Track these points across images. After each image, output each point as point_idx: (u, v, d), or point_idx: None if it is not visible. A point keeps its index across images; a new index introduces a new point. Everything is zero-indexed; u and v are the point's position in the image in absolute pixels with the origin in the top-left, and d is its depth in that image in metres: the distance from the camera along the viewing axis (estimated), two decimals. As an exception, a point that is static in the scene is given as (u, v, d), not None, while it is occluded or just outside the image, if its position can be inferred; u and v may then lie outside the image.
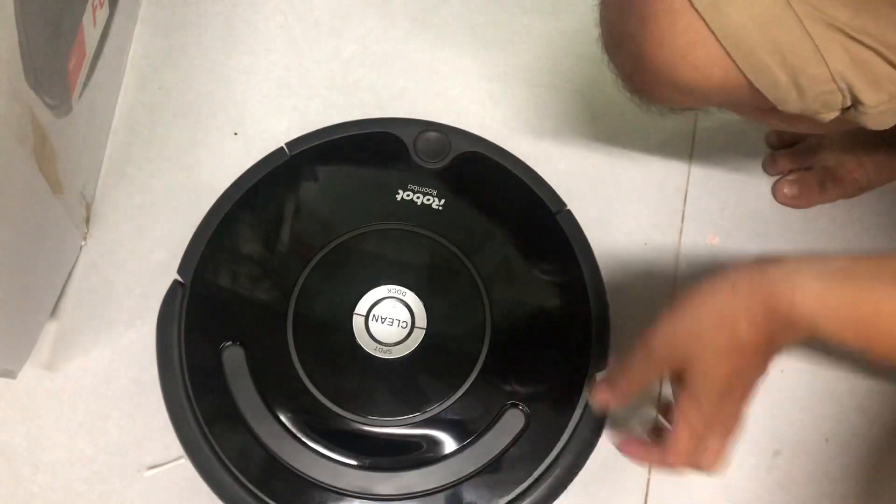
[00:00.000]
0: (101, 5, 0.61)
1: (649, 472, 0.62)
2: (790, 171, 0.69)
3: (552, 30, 0.73)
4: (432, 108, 0.70)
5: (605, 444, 0.62)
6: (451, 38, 0.73)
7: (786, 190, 0.68)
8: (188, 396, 0.56)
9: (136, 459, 0.61)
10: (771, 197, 0.69)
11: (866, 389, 0.64)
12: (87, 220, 0.65)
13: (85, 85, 0.61)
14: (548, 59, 0.73)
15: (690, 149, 0.70)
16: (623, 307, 0.65)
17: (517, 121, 0.70)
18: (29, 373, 0.61)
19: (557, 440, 0.56)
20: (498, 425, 0.56)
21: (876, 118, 0.46)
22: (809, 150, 0.69)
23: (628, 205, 0.68)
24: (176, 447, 0.57)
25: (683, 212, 0.68)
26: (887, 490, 0.62)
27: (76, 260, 0.64)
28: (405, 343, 0.57)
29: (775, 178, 0.70)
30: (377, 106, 0.70)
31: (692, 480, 0.61)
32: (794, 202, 0.69)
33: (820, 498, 0.62)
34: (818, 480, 0.62)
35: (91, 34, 0.60)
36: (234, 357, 0.56)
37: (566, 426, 0.56)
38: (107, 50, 0.64)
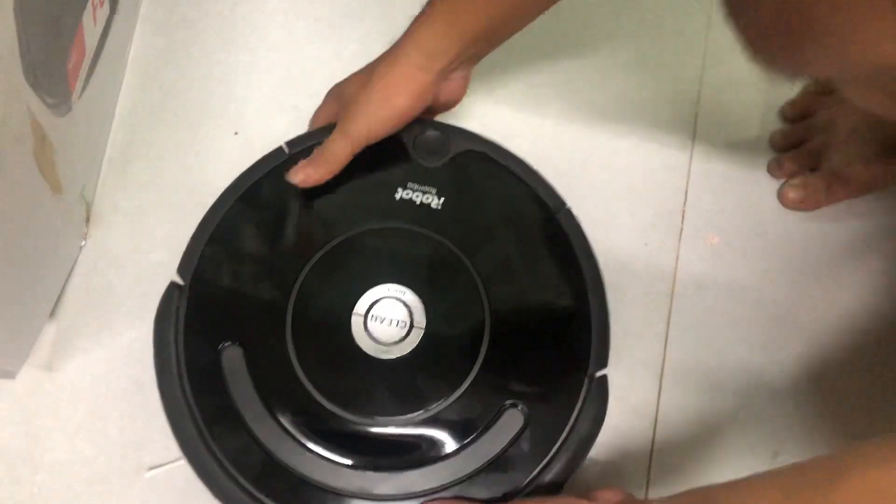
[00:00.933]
0: (102, 4, 0.61)
1: (649, 472, 0.62)
2: (795, 174, 0.69)
3: (552, 29, 0.73)
4: (432, 108, 0.70)
5: (605, 444, 0.62)
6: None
7: (791, 194, 0.68)
8: (186, 397, 0.56)
9: (136, 460, 0.61)
10: (771, 197, 0.69)
11: (866, 390, 0.64)
12: (87, 221, 0.65)
13: (85, 84, 0.61)
14: (548, 59, 0.73)
15: (690, 148, 0.70)
16: (623, 307, 0.65)
17: (517, 120, 0.70)
18: (28, 373, 0.62)
19: (556, 440, 0.55)
20: (497, 425, 0.55)
21: None
22: (815, 152, 0.68)
23: (628, 205, 0.68)
24: (176, 448, 0.57)
25: (683, 212, 0.68)
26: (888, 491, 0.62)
27: (76, 260, 0.64)
28: (404, 343, 0.57)
29: (776, 178, 0.70)
30: (377, 106, 0.70)
31: (692, 481, 0.62)
32: (801, 205, 0.68)
33: (820, 498, 0.62)
34: (819, 481, 0.62)
35: (91, 33, 0.60)
36: (232, 357, 0.56)
37: (565, 425, 0.56)
38: (107, 49, 0.64)
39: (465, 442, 0.55)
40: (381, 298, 0.58)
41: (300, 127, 0.67)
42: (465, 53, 0.59)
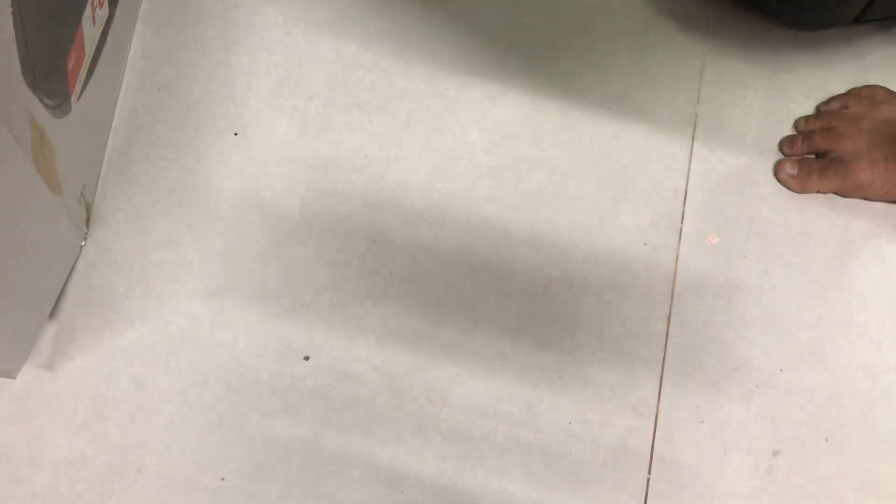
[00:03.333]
0: (101, 5, 0.61)
1: (649, 472, 0.62)
2: (802, 155, 0.69)
3: (552, 30, 0.73)
4: (432, 109, 0.70)
5: (603, 443, 0.62)
6: (451, 38, 0.73)
7: (787, 167, 0.68)
8: None
9: (136, 459, 0.61)
10: (771, 197, 0.69)
11: (866, 389, 0.64)
12: (88, 221, 0.65)
13: (85, 85, 0.61)
14: (548, 60, 0.73)
15: (690, 149, 0.70)
16: (623, 307, 0.65)
17: (517, 120, 0.70)
18: (29, 373, 0.62)
19: None
20: None
21: None
22: (830, 138, 0.68)
23: (628, 205, 0.68)
24: (175, 448, 0.57)
25: (683, 212, 0.68)
26: (887, 490, 0.62)
27: (76, 260, 0.64)
28: None
29: (785, 155, 0.70)
30: (378, 107, 0.70)
31: (692, 480, 0.62)
32: (792, 183, 0.68)
33: (820, 498, 0.62)
34: (818, 480, 0.62)
35: (91, 34, 0.60)
36: None
37: None
38: (107, 50, 0.64)
39: None
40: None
41: (300, 127, 0.67)
42: None
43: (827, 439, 0.63)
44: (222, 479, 0.61)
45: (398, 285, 0.66)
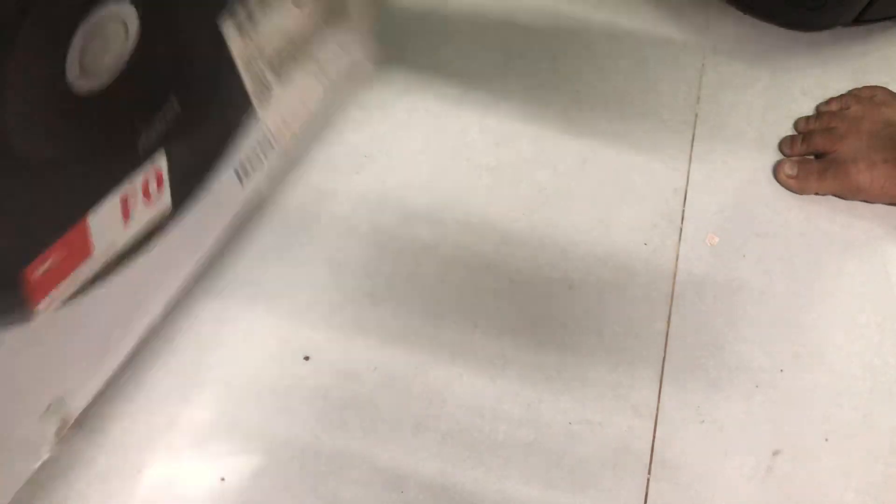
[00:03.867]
0: (149, 198, 0.48)
1: (649, 472, 0.62)
2: (802, 155, 0.70)
3: (553, 30, 0.73)
4: (432, 109, 0.70)
5: (605, 444, 0.62)
6: (450, 38, 0.73)
7: (786, 168, 0.69)
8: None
9: (136, 460, 0.61)
10: (771, 197, 0.69)
11: (866, 389, 0.64)
12: (63, 429, 0.53)
13: (82, 291, 0.47)
14: (548, 59, 0.73)
15: (690, 149, 0.70)
16: (623, 307, 0.65)
17: (517, 120, 0.70)
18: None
19: None
20: None
21: None
22: (830, 139, 0.69)
23: (628, 205, 0.68)
24: (176, 449, 0.57)
25: (683, 212, 0.68)
26: (887, 490, 0.62)
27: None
28: None
29: (784, 155, 0.70)
30: (378, 107, 0.70)
31: (692, 480, 0.62)
32: (791, 183, 0.69)
33: (820, 498, 0.62)
34: (818, 480, 0.62)
35: (107, 233, 0.47)
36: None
37: None
38: (162, 248, 0.51)
39: None
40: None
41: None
42: None
43: (827, 439, 0.63)
44: (222, 479, 0.61)
45: (398, 285, 0.66)
